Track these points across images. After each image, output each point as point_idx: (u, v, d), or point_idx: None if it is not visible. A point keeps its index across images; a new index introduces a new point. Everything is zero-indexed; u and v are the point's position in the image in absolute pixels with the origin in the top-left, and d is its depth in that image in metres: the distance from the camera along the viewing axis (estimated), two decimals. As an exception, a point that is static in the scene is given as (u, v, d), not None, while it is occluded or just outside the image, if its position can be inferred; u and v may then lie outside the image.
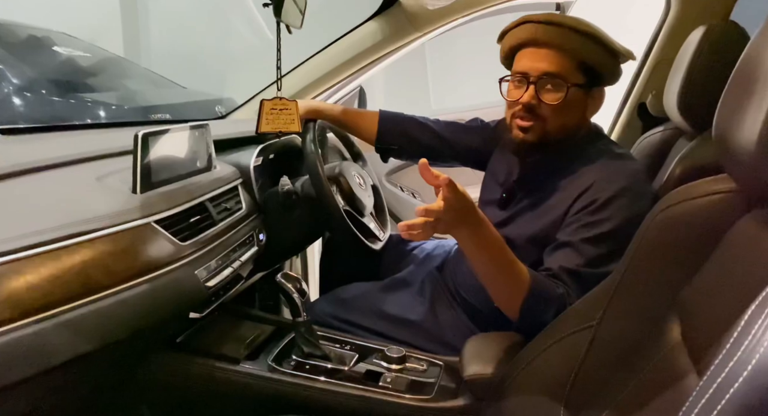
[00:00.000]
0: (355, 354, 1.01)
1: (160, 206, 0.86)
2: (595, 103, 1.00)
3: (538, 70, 0.95)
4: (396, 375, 0.95)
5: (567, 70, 0.95)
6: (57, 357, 0.65)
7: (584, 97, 0.98)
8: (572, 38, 0.93)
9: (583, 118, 1.01)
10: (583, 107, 0.99)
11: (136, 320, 0.77)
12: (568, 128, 0.99)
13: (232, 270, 1.00)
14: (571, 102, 0.96)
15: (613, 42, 0.95)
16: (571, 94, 0.95)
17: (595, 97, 1.00)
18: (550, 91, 0.95)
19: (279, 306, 1.56)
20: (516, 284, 0.84)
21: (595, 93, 0.99)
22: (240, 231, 1.09)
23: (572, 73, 0.95)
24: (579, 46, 0.93)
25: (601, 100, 1.01)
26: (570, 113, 0.97)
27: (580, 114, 0.99)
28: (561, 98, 0.94)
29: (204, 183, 1.03)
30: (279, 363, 0.97)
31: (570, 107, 0.96)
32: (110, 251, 0.74)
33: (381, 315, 1.14)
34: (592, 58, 0.94)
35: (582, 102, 0.98)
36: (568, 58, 0.94)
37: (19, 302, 0.61)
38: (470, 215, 0.80)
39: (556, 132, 0.98)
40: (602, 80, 0.98)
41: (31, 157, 0.84)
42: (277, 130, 1.10)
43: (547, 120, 0.97)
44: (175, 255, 0.85)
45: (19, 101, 2.04)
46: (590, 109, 1.00)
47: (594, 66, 0.95)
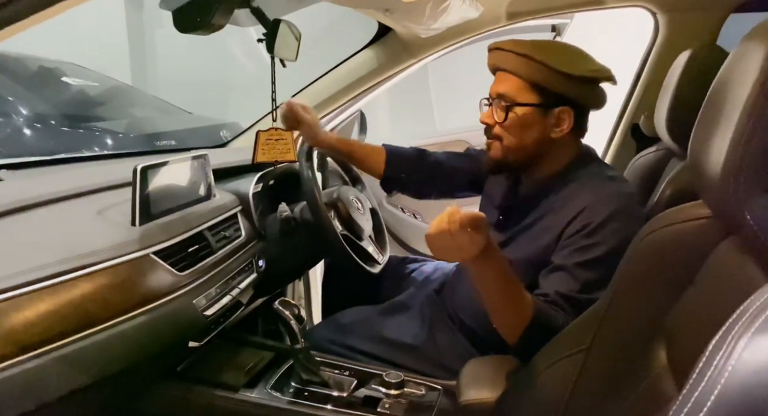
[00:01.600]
0: (354, 380, 1.01)
1: (158, 237, 0.88)
2: (558, 123, 1.00)
3: (495, 91, 1.02)
4: (394, 400, 0.95)
5: (516, 90, 0.99)
6: (55, 391, 0.67)
7: (540, 116, 0.99)
8: (518, 61, 0.98)
9: (545, 137, 1.01)
10: (542, 126, 1.00)
11: (134, 352, 0.78)
12: (526, 146, 1.01)
13: (231, 297, 1.02)
14: (523, 121, 0.99)
15: (561, 64, 0.96)
16: (519, 113, 0.99)
17: (559, 117, 1.00)
18: (499, 110, 1.01)
19: (282, 332, 1.56)
20: (520, 313, 0.85)
21: (558, 113, 0.99)
22: (239, 259, 1.10)
23: (523, 93, 0.99)
24: (525, 69, 0.97)
25: (566, 120, 0.99)
26: (524, 132, 1.00)
27: (537, 133, 1.00)
28: (504, 117, 0.99)
29: (203, 212, 1.05)
30: (278, 390, 0.97)
31: (523, 126, 1.00)
32: (108, 284, 0.76)
33: (380, 340, 1.14)
34: (539, 78, 0.97)
35: (538, 121, 0.99)
36: (520, 79, 0.99)
37: (18, 338, 0.63)
38: (485, 246, 0.81)
39: (515, 149, 1.02)
40: (565, 100, 0.99)
41: (34, 192, 0.87)
42: (273, 159, 1.12)
43: (502, 138, 1.02)
44: (174, 285, 0.87)
45: (29, 133, 2.10)
46: (552, 128, 1.00)
47: (545, 86, 0.97)
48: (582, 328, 0.70)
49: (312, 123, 1.27)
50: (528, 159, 1.03)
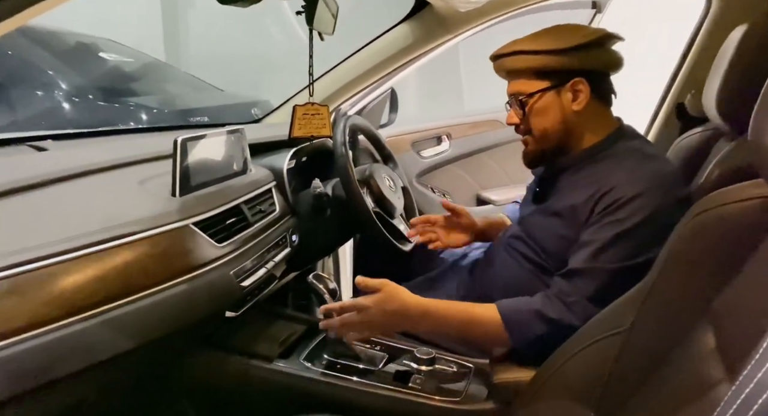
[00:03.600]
0: (385, 355, 1.02)
1: (197, 208, 0.89)
2: (575, 96, 1.01)
3: (509, 93, 1.07)
4: (425, 376, 0.95)
5: (524, 85, 1.03)
6: (101, 353, 0.69)
7: (554, 97, 1.02)
8: (513, 60, 1.03)
9: (568, 114, 1.02)
10: (561, 105, 1.02)
11: (174, 319, 0.80)
12: (554, 128, 1.03)
13: (266, 270, 1.03)
14: (541, 108, 1.02)
15: (550, 43, 0.99)
16: (534, 103, 1.02)
17: (573, 90, 1.01)
18: (517, 107, 1.05)
19: (311, 306, 1.58)
20: (488, 325, 0.92)
21: (570, 87, 1.01)
22: (274, 233, 1.11)
23: (530, 84, 1.03)
24: (522, 63, 1.02)
25: (582, 91, 1.00)
26: (546, 117, 1.03)
27: (559, 113, 1.02)
28: (522, 112, 1.04)
29: (239, 186, 1.05)
30: (311, 362, 0.99)
31: (543, 112, 1.03)
32: (150, 253, 0.78)
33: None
34: (537, 65, 1.01)
35: (555, 102, 1.02)
36: (523, 74, 1.03)
37: (67, 301, 0.65)
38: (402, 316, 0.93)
39: (545, 136, 1.04)
40: (571, 73, 1.00)
41: (78, 162, 0.88)
42: (309, 134, 1.12)
43: (530, 130, 1.06)
44: (212, 256, 0.88)
45: (68, 106, 2.14)
46: (571, 103, 1.01)
47: (545, 69, 1.00)
48: (621, 310, 0.68)
49: None
50: (561, 140, 1.04)
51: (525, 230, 1.08)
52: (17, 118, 1.93)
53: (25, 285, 0.61)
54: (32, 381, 0.61)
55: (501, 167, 2.16)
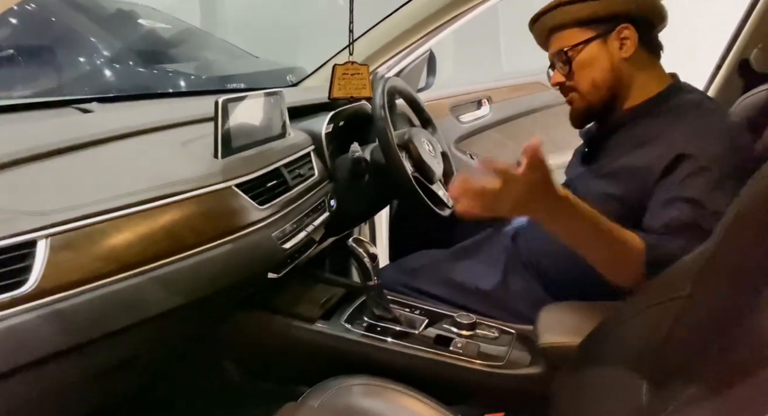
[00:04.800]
0: (425, 319, 1.02)
1: (239, 170, 0.90)
2: (622, 43, 0.97)
3: (551, 54, 1.04)
4: (467, 340, 0.95)
5: (567, 39, 0.99)
6: (151, 309, 0.71)
7: (600, 46, 0.98)
8: (553, 16, 1.00)
9: (616, 64, 0.97)
10: (607, 55, 0.98)
11: (220, 277, 0.82)
12: (603, 81, 0.99)
13: (305, 233, 1.04)
14: (587, 60, 0.98)
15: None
16: (579, 56, 0.98)
17: (620, 38, 0.96)
18: (561, 65, 1.01)
19: (348, 270, 1.60)
20: (629, 254, 0.79)
21: (616, 34, 0.96)
22: (312, 197, 1.11)
23: (574, 37, 0.99)
24: (562, 16, 0.99)
25: (629, 37, 0.96)
26: (593, 69, 0.98)
27: (606, 63, 0.98)
28: (567, 68, 1.00)
29: (279, 149, 1.06)
30: (351, 324, 1.00)
31: (589, 65, 0.98)
32: (196, 212, 0.79)
33: (450, 284, 1.14)
34: (579, 15, 0.97)
35: (601, 52, 0.98)
36: (565, 29, 1.00)
37: (119, 257, 0.67)
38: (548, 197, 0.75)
39: (593, 90, 1.00)
40: (616, 19, 0.96)
41: (123, 124, 0.90)
42: (348, 95, 1.10)
43: (576, 87, 1.01)
44: (254, 217, 0.89)
45: (109, 72, 2.18)
46: (618, 52, 0.97)
47: (588, 18, 0.97)
48: (680, 275, 0.66)
49: None
50: (610, 93, 1.00)
51: (574, 193, 1.04)
52: (61, 82, 1.99)
53: (79, 240, 0.63)
54: (84, 335, 0.64)
55: (544, 132, 2.10)
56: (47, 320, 0.58)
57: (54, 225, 0.61)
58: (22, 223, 0.59)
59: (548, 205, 0.77)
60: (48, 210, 0.63)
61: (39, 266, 0.58)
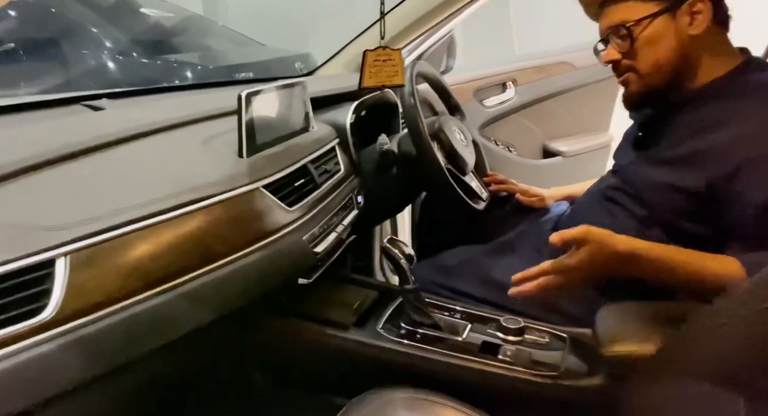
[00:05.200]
0: (467, 324, 0.96)
1: (266, 170, 0.84)
2: (692, 18, 0.87)
3: (607, 26, 0.93)
4: (516, 347, 0.89)
5: (630, 10, 0.89)
6: (180, 328, 0.65)
7: (668, 21, 0.88)
8: None
9: (683, 41, 0.88)
10: (675, 31, 0.88)
11: (252, 288, 0.76)
12: (666, 60, 0.89)
13: (336, 235, 0.98)
14: (652, 36, 0.89)
15: None
16: (644, 31, 0.88)
17: (692, 10, 0.87)
18: (620, 41, 0.91)
19: (371, 268, 1.54)
20: (724, 281, 0.74)
21: (688, 6, 0.86)
22: (340, 194, 1.05)
23: (639, 9, 0.89)
24: None
25: (702, 10, 0.86)
26: (658, 46, 0.89)
27: (673, 40, 0.88)
28: (629, 44, 0.90)
29: (304, 144, 0.99)
30: (389, 330, 0.94)
31: (654, 41, 0.89)
32: (224, 218, 0.73)
33: (489, 283, 1.07)
34: None
35: (669, 28, 0.88)
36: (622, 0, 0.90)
37: (146, 273, 0.61)
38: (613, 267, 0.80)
39: (654, 71, 0.91)
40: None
41: (138, 122, 0.84)
42: (380, 84, 1.03)
43: (635, 67, 0.92)
44: (284, 220, 0.83)
45: (114, 65, 2.12)
46: (687, 27, 0.87)
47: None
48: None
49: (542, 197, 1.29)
50: (674, 73, 0.91)
51: (626, 180, 0.98)
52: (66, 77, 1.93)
53: (101, 256, 0.58)
54: (109, 363, 0.58)
55: (570, 115, 2.02)
56: (70, 349, 0.53)
57: (73, 240, 0.55)
58: (38, 240, 0.53)
59: (618, 263, 0.79)
60: (65, 223, 0.57)
61: (59, 289, 0.53)
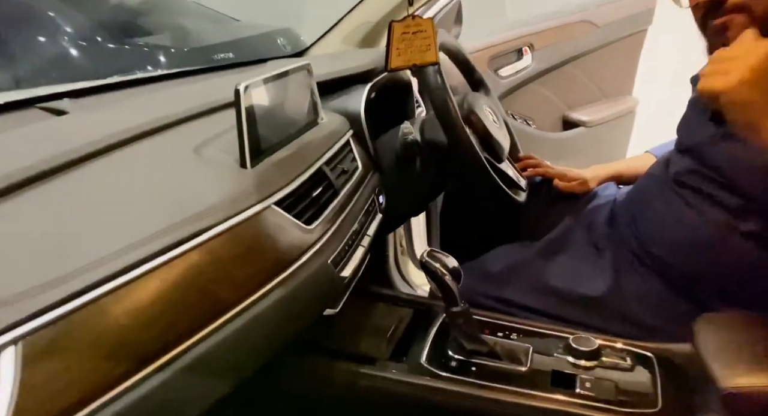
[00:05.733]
0: (529, 346, 0.82)
1: (277, 181, 0.68)
2: None
3: None
4: (594, 375, 0.76)
5: None
6: (191, 409, 0.50)
7: None
8: None
9: None
10: None
11: (273, 337, 0.61)
12: None
13: (363, 249, 0.83)
14: None
15: None
16: None
17: None
18: None
19: (387, 275, 1.39)
20: None
21: None
22: (361, 197, 0.89)
23: None
24: None
25: None
26: None
27: None
28: None
29: (315, 141, 0.83)
30: (435, 364, 0.80)
31: None
32: (232, 253, 0.57)
33: (544, 290, 0.94)
34: None
35: None
36: None
37: (136, 347, 0.45)
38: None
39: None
40: None
41: (112, 127, 0.67)
42: (411, 63, 0.86)
43: (749, 7, 0.72)
44: (304, 243, 0.68)
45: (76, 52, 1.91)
46: None
47: None
48: None
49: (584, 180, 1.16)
50: None
51: (707, 162, 0.83)
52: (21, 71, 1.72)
53: (71, 335, 0.41)
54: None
55: (591, 80, 1.87)
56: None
57: (27, 318, 0.39)
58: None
59: None
60: (14, 293, 0.41)
61: (6, 396, 0.37)
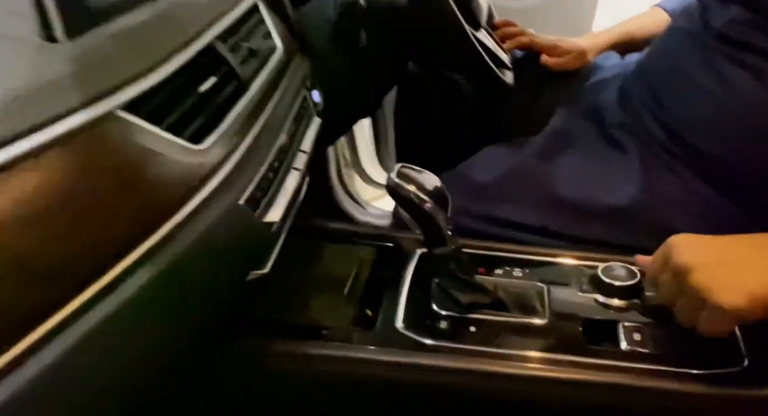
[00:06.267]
0: (542, 286, 0.60)
1: (123, 69, 0.38)
2: None
3: None
4: (642, 322, 0.55)
5: None
6: None
7: None
8: None
9: None
10: None
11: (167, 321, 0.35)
12: None
13: (297, 176, 0.55)
14: None
15: None
16: None
17: None
18: None
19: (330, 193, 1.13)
20: None
21: None
22: (286, 94, 0.61)
23: None
24: None
25: None
26: None
27: None
28: None
29: (196, 4, 0.52)
30: (417, 328, 0.56)
31: None
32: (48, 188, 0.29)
33: (553, 204, 0.70)
34: None
35: None
36: None
37: None
38: None
39: None
40: None
41: None
42: None
43: None
44: (191, 175, 0.40)
45: None
46: None
47: None
48: None
49: None
50: None
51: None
52: None
53: None
54: None
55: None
56: None
57: None
58: None
59: None
60: None
61: None
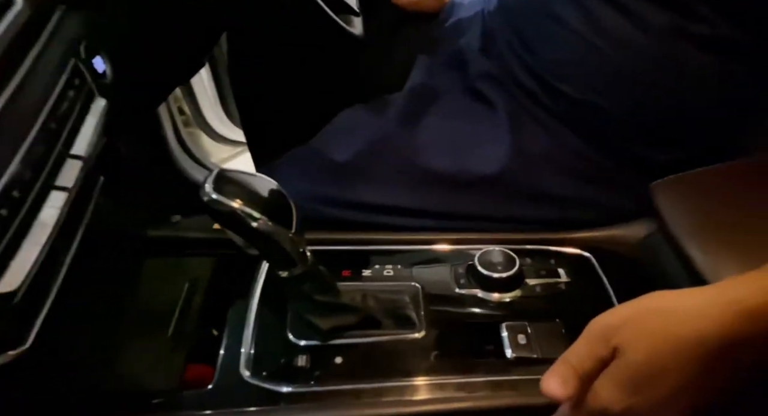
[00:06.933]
0: (416, 287, 0.51)
1: None
2: None
3: None
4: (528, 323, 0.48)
5: None
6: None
7: None
8: None
9: None
10: None
11: None
12: None
13: (64, 195, 0.40)
14: None
15: None
16: None
17: None
18: None
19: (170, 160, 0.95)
20: None
21: None
22: (47, 64, 0.43)
23: None
24: None
25: None
26: None
27: None
28: None
29: None
30: (272, 373, 0.45)
31: None
32: None
33: (422, 178, 0.61)
34: None
35: None
36: None
37: None
38: None
39: None
40: None
41: None
42: None
43: None
44: None
45: None
46: None
47: None
48: None
49: None
50: None
51: None
52: None
53: None
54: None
55: None
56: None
57: None
58: None
59: None
60: None
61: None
